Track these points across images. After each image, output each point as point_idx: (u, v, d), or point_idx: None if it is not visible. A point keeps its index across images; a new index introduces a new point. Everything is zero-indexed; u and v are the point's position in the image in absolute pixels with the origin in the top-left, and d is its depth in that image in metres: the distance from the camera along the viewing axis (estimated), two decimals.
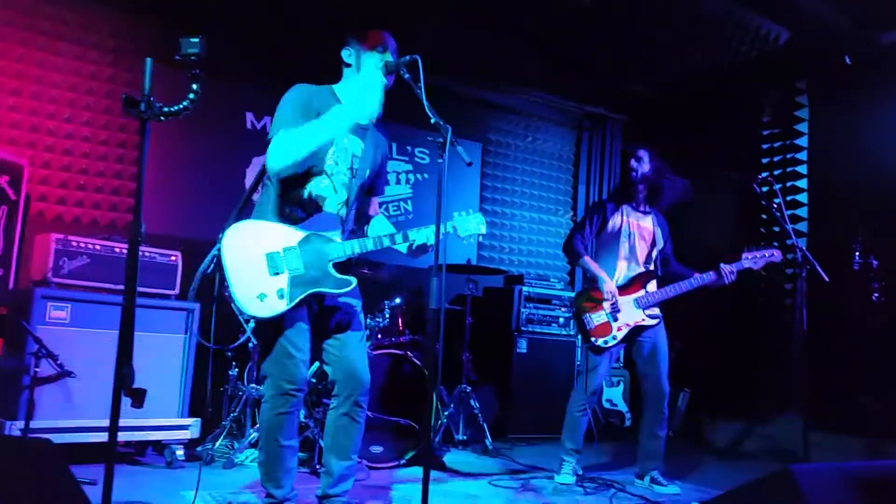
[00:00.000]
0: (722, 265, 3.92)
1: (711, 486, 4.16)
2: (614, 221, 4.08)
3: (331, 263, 2.73)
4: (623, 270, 4.07)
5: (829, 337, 4.63)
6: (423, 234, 2.81)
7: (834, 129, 5.41)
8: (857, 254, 4.08)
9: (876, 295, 4.07)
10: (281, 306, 2.64)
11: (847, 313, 4.67)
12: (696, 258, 4.31)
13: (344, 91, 2.87)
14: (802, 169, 5.59)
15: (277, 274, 2.66)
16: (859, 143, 5.18)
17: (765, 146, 5.88)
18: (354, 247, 2.76)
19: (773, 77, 5.76)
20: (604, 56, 5.81)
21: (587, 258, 4.06)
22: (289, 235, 2.71)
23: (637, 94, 6.59)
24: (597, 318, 3.96)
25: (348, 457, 2.86)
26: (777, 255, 3.92)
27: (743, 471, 4.74)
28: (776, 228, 5.62)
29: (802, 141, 5.63)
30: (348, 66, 2.87)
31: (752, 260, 3.92)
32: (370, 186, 3.02)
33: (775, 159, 5.79)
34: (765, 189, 3.90)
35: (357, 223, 3.01)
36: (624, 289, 4.01)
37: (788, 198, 5.51)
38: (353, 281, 2.78)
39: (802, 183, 5.57)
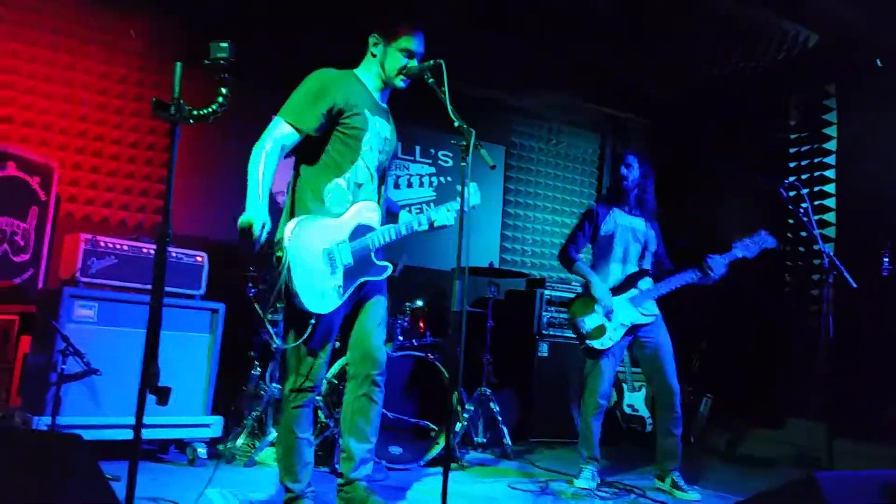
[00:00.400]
0: (711, 256, 3.90)
1: (733, 492, 4.10)
2: (607, 226, 4.14)
3: (373, 252, 2.78)
4: (619, 272, 4.11)
5: (855, 343, 4.57)
6: (442, 215, 2.96)
7: (863, 134, 5.33)
8: (887, 259, 4.01)
9: None
10: (337, 301, 2.70)
11: (874, 320, 4.59)
12: None
13: (365, 76, 2.90)
14: (830, 174, 5.51)
15: (335, 270, 2.70)
16: (889, 147, 5.10)
17: (792, 150, 5.81)
18: (392, 232, 2.83)
19: (801, 81, 5.69)
20: (628, 60, 5.78)
21: (580, 263, 4.12)
22: (340, 228, 2.74)
23: (661, 98, 6.55)
24: (590, 321, 3.99)
25: (367, 439, 2.85)
26: (771, 241, 3.88)
27: (766, 478, 4.68)
28: (803, 234, 5.54)
29: (831, 145, 5.55)
30: (373, 55, 2.88)
31: (743, 248, 3.88)
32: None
33: (803, 164, 5.71)
34: (792, 194, 3.85)
35: None
36: (618, 289, 4.05)
37: (816, 202, 5.43)
38: (390, 267, 2.85)
39: (830, 188, 5.49)
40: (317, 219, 2.71)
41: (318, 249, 2.68)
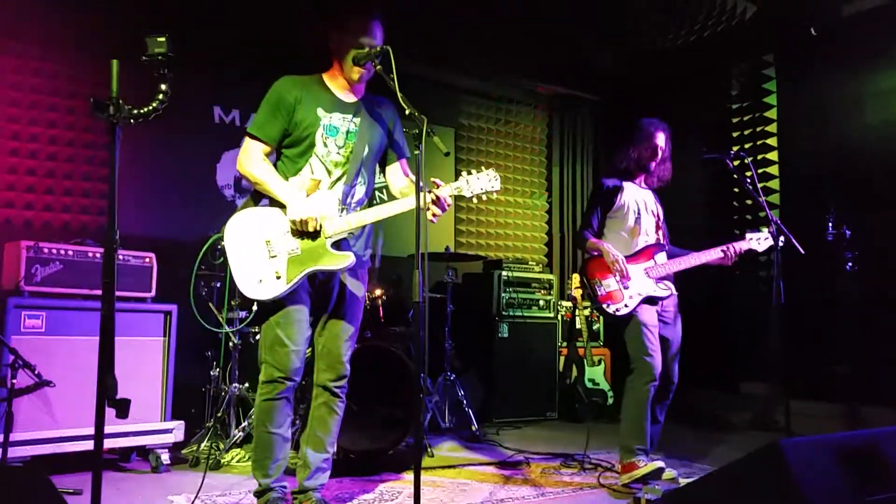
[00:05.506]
0: (730, 244, 3.84)
1: (696, 459, 4.22)
2: (621, 201, 3.97)
3: (328, 241, 2.72)
4: (633, 245, 3.94)
5: (805, 307, 4.70)
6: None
7: (802, 101, 5.47)
8: (830, 224, 4.14)
9: (849, 264, 4.14)
10: (279, 287, 2.67)
11: (822, 283, 4.74)
12: (672, 234, 4.34)
13: (330, 77, 2.89)
14: (772, 141, 5.65)
15: (275, 257, 2.69)
16: (827, 113, 5.24)
17: (734, 120, 5.93)
18: (350, 220, 2.74)
19: (740, 51, 5.80)
20: (572, 36, 5.79)
21: (591, 240, 3.94)
22: (284, 218, 2.72)
23: (606, 74, 6.59)
24: (606, 284, 3.85)
25: (325, 449, 2.89)
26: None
27: (726, 443, 4.82)
28: (749, 202, 5.67)
29: (772, 114, 5.68)
30: (331, 51, 2.85)
31: (756, 241, 3.84)
32: (386, 154, 3.02)
33: (745, 133, 5.84)
34: (737, 164, 3.92)
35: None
36: (632, 258, 3.89)
37: (760, 171, 5.56)
38: (352, 256, 2.74)
39: (773, 155, 5.63)
40: (265, 208, 2.77)
41: (259, 238, 2.72)
